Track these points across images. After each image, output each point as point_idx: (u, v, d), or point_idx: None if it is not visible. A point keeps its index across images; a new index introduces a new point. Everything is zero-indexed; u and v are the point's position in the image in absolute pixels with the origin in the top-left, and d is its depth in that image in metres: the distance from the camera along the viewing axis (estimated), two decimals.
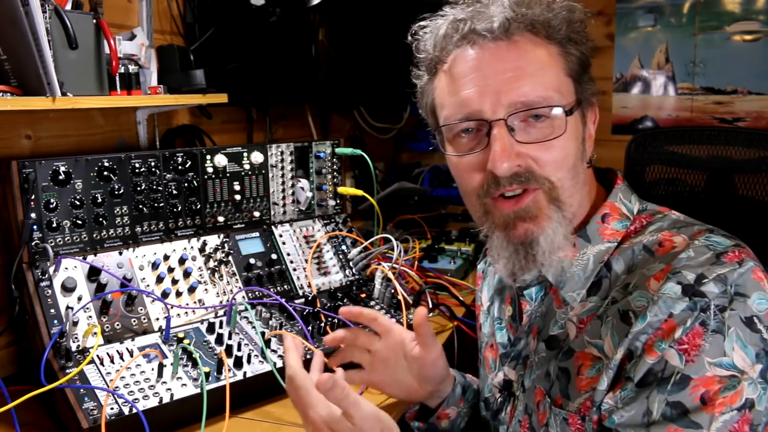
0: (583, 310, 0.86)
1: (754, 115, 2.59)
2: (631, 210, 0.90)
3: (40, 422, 1.14)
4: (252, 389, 1.20)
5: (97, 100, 1.28)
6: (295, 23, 2.09)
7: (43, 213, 1.22)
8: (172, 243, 1.40)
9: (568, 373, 0.85)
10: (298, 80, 2.16)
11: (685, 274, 0.76)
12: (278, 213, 1.61)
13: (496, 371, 1.02)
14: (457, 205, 2.95)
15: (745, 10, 2.55)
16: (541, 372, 0.90)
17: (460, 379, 1.13)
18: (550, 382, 0.88)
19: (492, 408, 1.03)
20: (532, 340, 0.94)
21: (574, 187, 0.86)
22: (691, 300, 0.74)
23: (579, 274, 0.87)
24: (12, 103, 1.11)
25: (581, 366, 0.84)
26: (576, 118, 0.86)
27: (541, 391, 0.90)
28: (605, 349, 0.81)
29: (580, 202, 0.88)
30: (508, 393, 0.99)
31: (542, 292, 0.94)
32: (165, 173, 1.39)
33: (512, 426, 0.97)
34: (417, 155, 3.30)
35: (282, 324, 1.34)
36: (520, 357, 0.97)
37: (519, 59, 0.82)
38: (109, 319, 1.22)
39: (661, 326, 0.75)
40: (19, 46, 1.11)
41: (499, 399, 1.01)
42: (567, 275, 0.87)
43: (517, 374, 0.97)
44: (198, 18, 1.74)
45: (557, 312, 0.90)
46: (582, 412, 0.82)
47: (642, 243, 0.84)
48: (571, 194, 0.85)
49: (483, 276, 1.17)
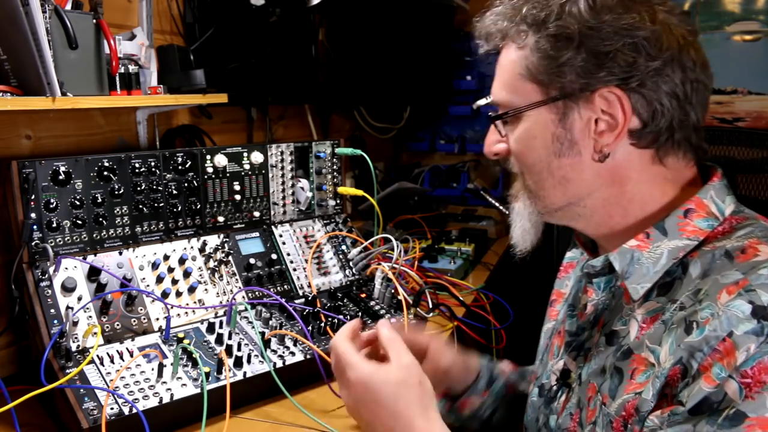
0: (649, 310, 0.81)
1: (755, 115, 2.59)
2: (722, 210, 0.82)
3: (40, 422, 1.14)
4: (252, 389, 1.20)
5: (97, 100, 1.28)
6: (295, 23, 2.09)
7: (43, 213, 1.22)
8: (172, 243, 1.40)
9: (621, 374, 0.81)
10: (298, 80, 2.16)
11: (760, 294, 0.68)
12: (278, 213, 1.61)
13: (558, 359, 1.00)
14: (457, 205, 2.95)
15: (745, 10, 2.55)
16: (598, 367, 0.87)
17: (485, 372, 1.14)
18: (604, 378, 0.84)
19: (546, 395, 1.00)
20: (596, 333, 0.90)
21: (552, 185, 0.86)
22: (759, 323, 0.67)
23: (648, 266, 0.82)
24: (12, 103, 1.11)
25: (635, 370, 0.79)
26: (540, 115, 0.84)
27: (594, 387, 0.86)
28: (661, 357, 0.76)
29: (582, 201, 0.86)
30: (563, 383, 0.96)
31: (612, 283, 0.90)
32: (165, 173, 1.39)
33: (562, 417, 0.93)
34: (417, 155, 3.30)
35: (282, 324, 1.34)
36: (582, 348, 0.94)
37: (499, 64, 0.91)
38: (109, 319, 1.22)
39: (719, 347, 0.69)
40: (19, 46, 1.11)
41: (554, 387, 0.98)
42: (635, 266, 0.82)
43: (576, 365, 0.93)
44: (198, 18, 1.74)
45: (625, 307, 0.86)
46: (625, 418, 0.78)
47: (725, 247, 0.77)
48: (546, 191, 0.87)
49: (576, 264, 1.13)
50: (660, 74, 0.78)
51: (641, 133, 0.81)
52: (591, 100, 0.80)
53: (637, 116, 0.80)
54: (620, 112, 0.79)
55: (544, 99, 0.83)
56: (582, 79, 0.80)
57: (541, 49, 0.81)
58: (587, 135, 0.82)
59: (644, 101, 0.79)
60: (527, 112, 0.85)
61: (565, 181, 0.85)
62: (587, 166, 0.84)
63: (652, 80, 0.78)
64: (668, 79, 0.78)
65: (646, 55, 0.77)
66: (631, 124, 0.80)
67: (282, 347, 1.28)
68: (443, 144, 3.22)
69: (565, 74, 0.80)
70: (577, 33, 0.78)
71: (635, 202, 0.84)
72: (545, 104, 0.83)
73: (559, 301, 1.12)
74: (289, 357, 1.25)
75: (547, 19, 0.80)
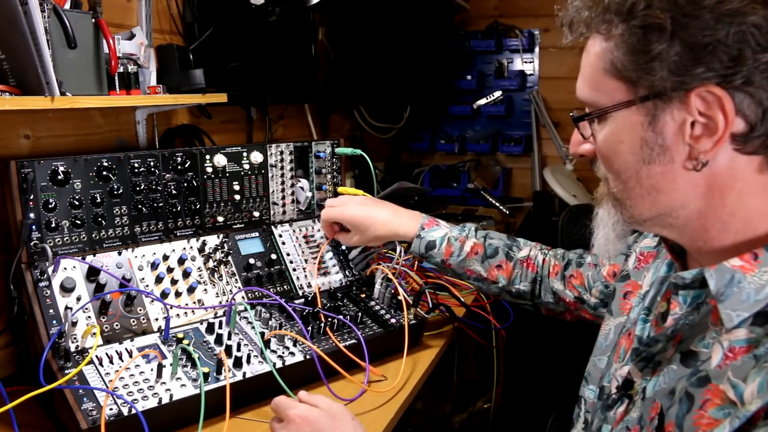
0: (739, 339, 0.70)
1: None
2: None
3: (39, 423, 1.14)
4: (251, 390, 1.19)
5: (96, 100, 1.28)
6: (295, 23, 2.09)
7: (41, 213, 1.22)
8: (171, 243, 1.39)
9: (692, 401, 0.72)
10: (297, 80, 2.16)
11: None
12: (278, 213, 1.60)
13: (623, 363, 0.91)
14: (458, 205, 2.95)
15: None
16: (667, 387, 0.78)
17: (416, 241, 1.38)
18: (672, 402, 0.75)
19: (605, 401, 0.93)
20: (671, 348, 0.81)
21: (640, 194, 0.78)
22: None
23: (750, 292, 0.70)
24: (11, 103, 1.11)
25: (708, 402, 0.70)
26: (627, 117, 0.75)
27: (657, 407, 0.78)
28: (745, 395, 0.66)
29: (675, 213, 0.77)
30: (624, 393, 0.88)
31: (701, 299, 0.80)
32: (164, 173, 1.39)
33: (617, 429, 0.86)
34: (417, 155, 3.30)
35: (282, 324, 1.33)
36: (651, 360, 0.85)
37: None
38: (108, 320, 1.22)
39: None
40: (18, 45, 1.10)
41: (614, 395, 0.90)
42: (734, 288, 0.71)
43: (642, 377, 0.85)
44: (197, 17, 1.74)
45: (711, 328, 0.75)
46: None
47: None
48: (633, 201, 0.79)
49: (656, 255, 1.02)
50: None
51: (747, 137, 0.69)
52: (686, 100, 0.70)
53: (742, 118, 0.68)
54: (720, 114, 0.68)
55: (632, 99, 0.74)
56: (675, 77, 0.69)
57: (627, 42, 0.71)
58: (681, 140, 0.72)
59: (751, 100, 0.67)
60: (613, 113, 0.76)
61: (655, 191, 0.76)
62: (681, 175, 0.74)
63: (763, 75, 0.66)
64: None
65: (755, 45, 0.65)
66: (735, 127, 0.69)
67: (282, 347, 1.27)
68: (443, 144, 3.22)
69: (655, 71, 0.70)
70: (670, 22, 0.67)
71: (738, 216, 0.74)
72: (633, 104, 0.74)
73: (635, 293, 1.01)
74: (288, 357, 1.25)
75: (634, 6, 0.70)
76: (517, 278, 1.37)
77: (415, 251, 1.40)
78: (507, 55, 3.13)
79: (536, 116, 3.10)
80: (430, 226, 1.40)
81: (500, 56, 3.13)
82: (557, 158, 3.07)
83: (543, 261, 1.38)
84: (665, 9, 0.67)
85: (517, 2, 3.09)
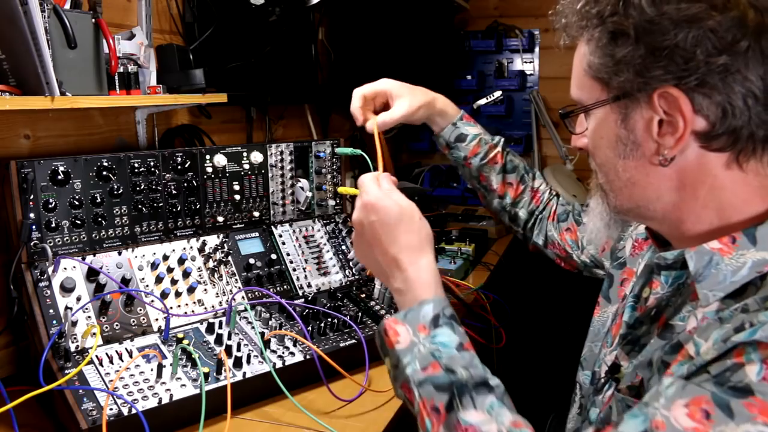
0: (712, 309, 0.75)
1: None
2: None
3: (39, 423, 1.14)
4: (251, 390, 1.19)
5: (96, 100, 1.28)
6: (295, 23, 2.09)
7: (41, 213, 1.22)
8: (171, 243, 1.39)
9: (667, 368, 0.75)
10: (297, 80, 2.16)
11: None
12: (278, 213, 1.60)
13: (611, 349, 0.94)
14: (458, 205, 2.95)
15: None
16: (645, 359, 0.82)
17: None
18: (651, 372, 0.79)
19: (595, 385, 0.96)
20: (655, 329, 0.85)
21: (619, 187, 0.82)
22: None
23: (726, 274, 0.74)
24: (11, 103, 1.11)
25: (675, 361, 0.74)
26: (605, 114, 0.80)
27: (639, 380, 0.82)
28: (702, 349, 0.69)
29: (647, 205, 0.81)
30: (611, 377, 0.91)
31: (682, 279, 0.84)
32: (164, 173, 1.39)
33: (605, 412, 0.88)
34: (417, 155, 3.30)
35: (282, 324, 1.33)
36: (637, 343, 0.88)
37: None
38: (108, 320, 1.22)
39: (763, 341, 0.63)
40: (18, 45, 1.10)
41: (602, 380, 0.93)
42: (712, 270, 0.75)
43: (629, 360, 0.88)
44: (197, 17, 1.74)
45: (688, 304, 0.80)
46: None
47: None
48: (615, 192, 0.84)
49: (650, 242, 1.05)
50: (729, 70, 0.69)
51: (710, 135, 0.73)
52: (650, 100, 0.74)
53: (703, 117, 0.72)
54: (678, 113, 0.72)
55: (606, 98, 0.79)
56: (639, 78, 0.74)
57: (599, 46, 0.77)
58: (650, 137, 0.76)
59: (709, 101, 0.71)
60: (593, 111, 0.82)
61: (631, 184, 0.81)
62: (652, 170, 0.78)
63: (720, 77, 0.69)
64: (740, 76, 0.69)
65: (711, 48, 0.69)
66: (697, 125, 0.72)
67: (282, 347, 1.27)
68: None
69: (622, 72, 0.75)
70: (633, 28, 0.72)
71: (710, 208, 0.77)
72: (607, 103, 0.79)
73: (630, 279, 1.04)
74: (288, 357, 1.25)
75: (606, 13, 0.75)
76: (520, 202, 1.43)
77: (444, 137, 1.44)
78: (507, 55, 3.13)
79: (536, 116, 3.10)
80: (468, 120, 1.44)
81: (500, 56, 3.13)
82: (557, 158, 3.07)
83: (548, 202, 1.44)
84: (630, 16, 0.73)
85: (517, 2, 3.09)
